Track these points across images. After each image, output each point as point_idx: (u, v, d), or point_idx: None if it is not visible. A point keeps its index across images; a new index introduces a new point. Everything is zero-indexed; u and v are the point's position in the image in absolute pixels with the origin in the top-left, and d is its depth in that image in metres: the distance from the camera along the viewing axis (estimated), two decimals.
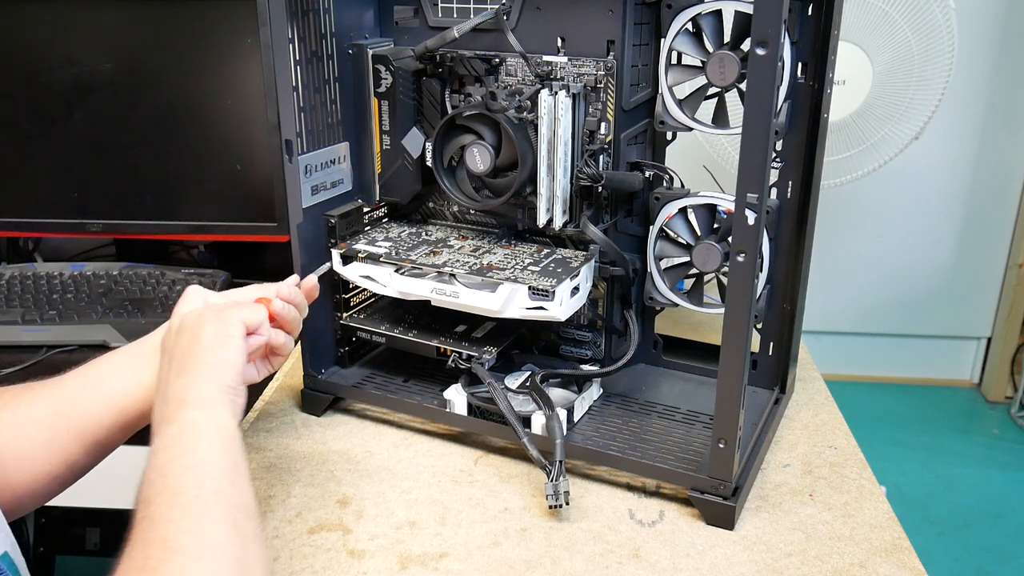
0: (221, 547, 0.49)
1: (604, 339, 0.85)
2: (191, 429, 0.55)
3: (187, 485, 0.52)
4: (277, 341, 0.70)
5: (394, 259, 0.77)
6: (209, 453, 0.54)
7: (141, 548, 0.48)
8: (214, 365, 0.60)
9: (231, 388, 0.60)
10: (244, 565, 0.49)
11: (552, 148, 0.73)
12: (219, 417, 0.57)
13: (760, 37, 0.55)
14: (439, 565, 0.64)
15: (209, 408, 0.57)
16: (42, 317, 1.05)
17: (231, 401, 0.59)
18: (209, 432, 0.56)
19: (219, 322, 0.64)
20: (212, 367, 0.60)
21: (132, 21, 1.11)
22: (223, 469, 0.54)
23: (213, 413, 0.57)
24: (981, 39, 2.02)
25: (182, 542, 0.48)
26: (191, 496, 0.51)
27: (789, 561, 0.65)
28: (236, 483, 0.54)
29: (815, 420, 0.84)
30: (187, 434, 0.55)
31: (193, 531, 0.49)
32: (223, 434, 0.56)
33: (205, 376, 0.60)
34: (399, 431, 0.82)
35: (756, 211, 0.59)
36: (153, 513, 0.50)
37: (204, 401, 0.58)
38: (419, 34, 0.80)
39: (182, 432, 0.55)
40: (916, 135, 1.32)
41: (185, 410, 0.57)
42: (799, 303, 0.81)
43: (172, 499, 0.51)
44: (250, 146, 1.14)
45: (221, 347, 0.62)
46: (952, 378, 2.40)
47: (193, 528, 0.49)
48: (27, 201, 1.18)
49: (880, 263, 2.26)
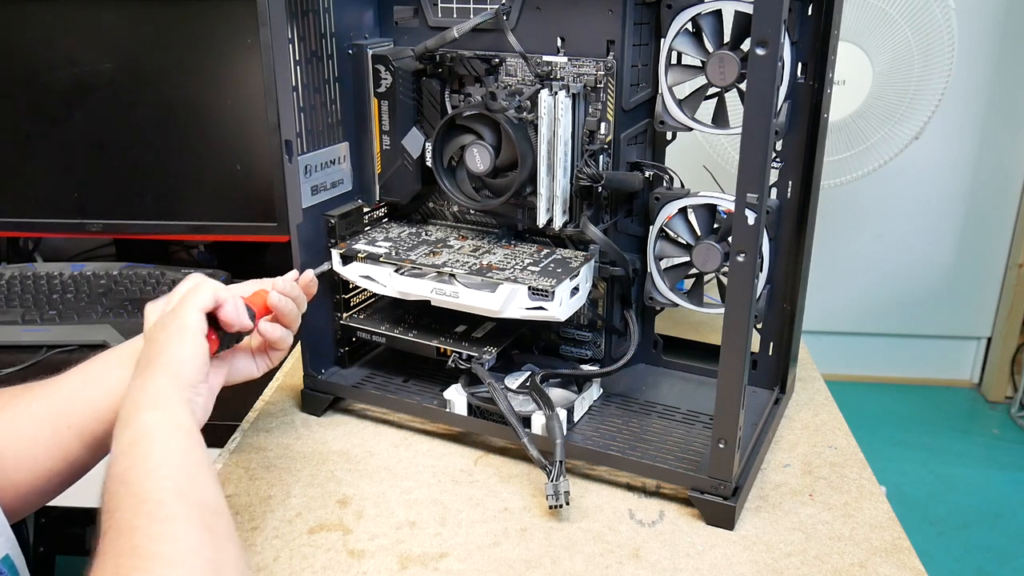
0: (194, 550, 0.48)
1: (604, 339, 0.85)
2: (146, 432, 0.54)
3: (150, 490, 0.50)
4: (274, 335, 0.70)
5: (394, 259, 0.77)
6: (167, 455, 0.53)
7: (112, 558, 0.47)
8: (168, 363, 0.60)
9: (188, 385, 0.59)
10: (218, 564, 0.48)
11: (552, 148, 0.73)
12: (175, 415, 0.56)
13: (760, 37, 0.55)
14: (439, 565, 0.64)
15: (164, 407, 0.56)
16: (42, 317, 1.05)
17: (188, 399, 0.59)
18: (165, 432, 0.54)
19: (172, 318, 0.63)
20: (166, 365, 0.59)
21: (132, 21, 1.11)
22: (183, 469, 0.53)
23: (169, 412, 0.56)
24: (981, 39, 2.02)
25: (152, 549, 0.47)
26: (155, 501, 0.50)
27: (789, 561, 0.65)
28: (199, 481, 0.53)
29: (815, 420, 0.84)
30: (143, 438, 0.54)
31: (162, 537, 0.48)
32: (180, 432, 0.55)
33: (160, 374, 0.59)
34: (399, 431, 0.82)
35: (756, 211, 0.59)
36: (119, 522, 0.49)
37: (159, 400, 0.57)
38: (419, 34, 0.80)
39: (137, 436, 0.54)
40: (916, 135, 1.32)
41: (140, 412, 0.56)
42: (799, 303, 0.81)
43: (137, 506, 0.49)
44: (250, 146, 1.14)
45: (176, 343, 0.61)
46: (952, 378, 2.40)
47: (162, 534, 0.48)
48: (27, 201, 1.18)
49: (880, 263, 2.26)
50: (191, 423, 0.57)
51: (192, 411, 0.59)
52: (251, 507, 0.71)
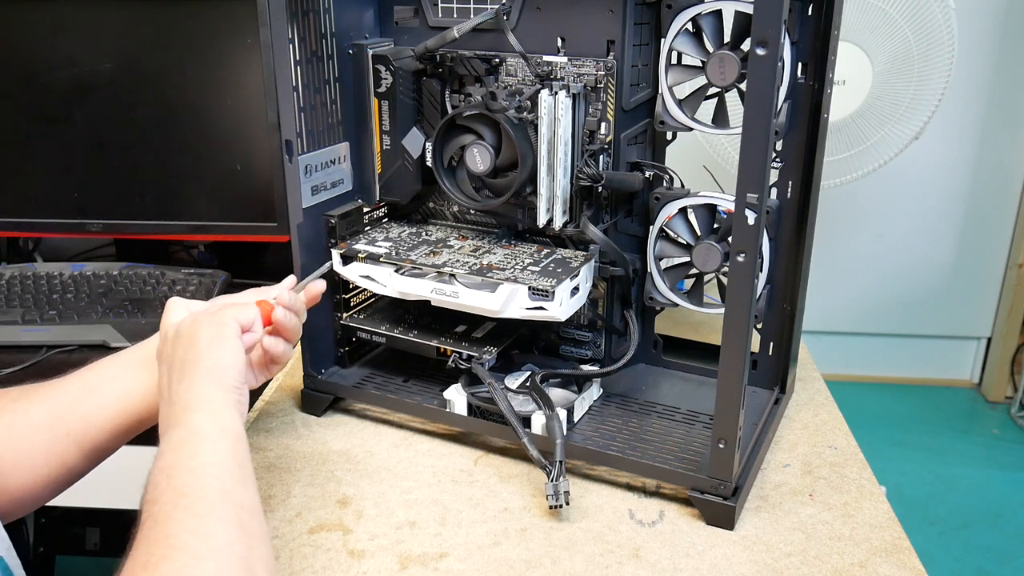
0: (226, 546, 0.49)
1: (604, 339, 0.85)
2: (196, 432, 0.56)
3: (192, 486, 0.52)
4: (276, 350, 0.70)
5: (394, 259, 0.77)
6: (214, 455, 0.54)
7: (144, 546, 0.48)
8: (213, 366, 0.60)
9: (234, 388, 0.60)
10: (249, 564, 0.49)
11: (552, 148, 0.73)
12: (224, 418, 0.57)
13: (760, 37, 0.55)
14: (439, 565, 0.64)
15: (213, 410, 0.57)
16: (42, 317, 1.05)
17: (236, 401, 0.60)
18: (214, 434, 0.56)
19: (214, 324, 0.63)
20: (211, 368, 0.60)
21: (132, 21, 1.11)
22: (229, 470, 0.54)
23: (218, 415, 0.57)
24: (981, 39, 2.02)
25: (184, 540, 0.48)
26: (196, 496, 0.51)
27: (789, 561, 0.65)
28: (242, 483, 0.54)
29: (815, 420, 0.84)
30: (192, 437, 0.55)
31: (197, 531, 0.49)
32: (228, 435, 0.56)
33: (206, 378, 0.60)
34: (399, 431, 0.82)
35: (756, 211, 0.59)
36: (158, 513, 0.50)
37: (208, 403, 0.58)
38: (419, 34, 0.80)
39: (188, 435, 0.55)
40: (916, 135, 1.32)
41: (190, 413, 0.57)
42: (799, 303, 0.81)
43: (177, 499, 0.51)
44: (250, 146, 1.14)
45: (218, 348, 0.62)
46: (952, 378, 2.40)
47: (197, 528, 0.49)
48: (27, 201, 1.18)
49: (880, 263, 2.26)
50: (238, 426, 0.58)
51: (240, 413, 0.60)
52: None
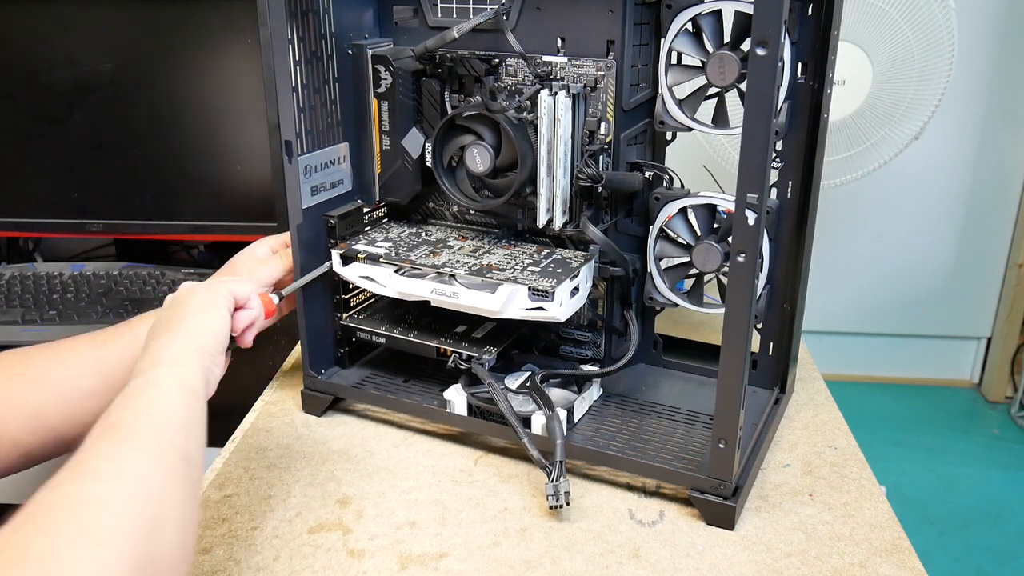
0: (134, 474, 0.47)
1: (604, 339, 0.85)
2: (154, 382, 0.55)
3: (125, 419, 0.51)
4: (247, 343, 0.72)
5: (394, 259, 0.77)
6: (161, 400, 0.54)
7: (58, 472, 0.47)
8: (193, 328, 0.61)
9: (208, 353, 0.61)
10: (160, 497, 0.47)
11: (552, 148, 0.73)
12: (189, 378, 0.57)
13: (760, 37, 0.55)
14: (439, 565, 0.64)
15: (178, 366, 0.58)
16: (42, 317, 1.05)
17: (204, 366, 0.60)
18: (170, 385, 0.55)
19: (207, 292, 0.66)
20: (191, 330, 0.61)
21: (132, 21, 1.11)
22: (170, 414, 0.53)
23: (182, 371, 0.57)
24: (981, 39, 2.02)
25: (94, 464, 0.47)
26: (124, 426, 0.50)
27: (789, 561, 0.65)
28: (184, 428, 0.53)
29: (815, 420, 0.84)
30: (149, 386, 0.55)
31: (109, 455, 0.48)
32: (183, 390, 0.56)
33: (182, 337, 0.60)
34: (399, 431, 0.82)
35: (756, 211, 0.59)
36: (84, 443, 0.49)
37: (175, 359, 0.58)
38: (419, 34, 0.80)
39: (145, 383, 0.55)
40: (916, 135, 1.32)
41: (156, 367, 0.57)
42: (799, 303, 0.81)
43: (105, 429, 0.50)
44: (250, 146, 1.14)
45: (203, 314, 0.63)
46: (952, 378, 2.40)
47: (111, 452, 0.48)
48: (27, 201, 1.18)
49: (880, 263, 2.26)
50: (199, 386, 0.58)
51: (206, 379, 0.60)
52: (251, 507, 0.71)
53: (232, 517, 0.69)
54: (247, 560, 0.64)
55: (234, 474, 0.75)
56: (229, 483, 0.74)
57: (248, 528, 0.68)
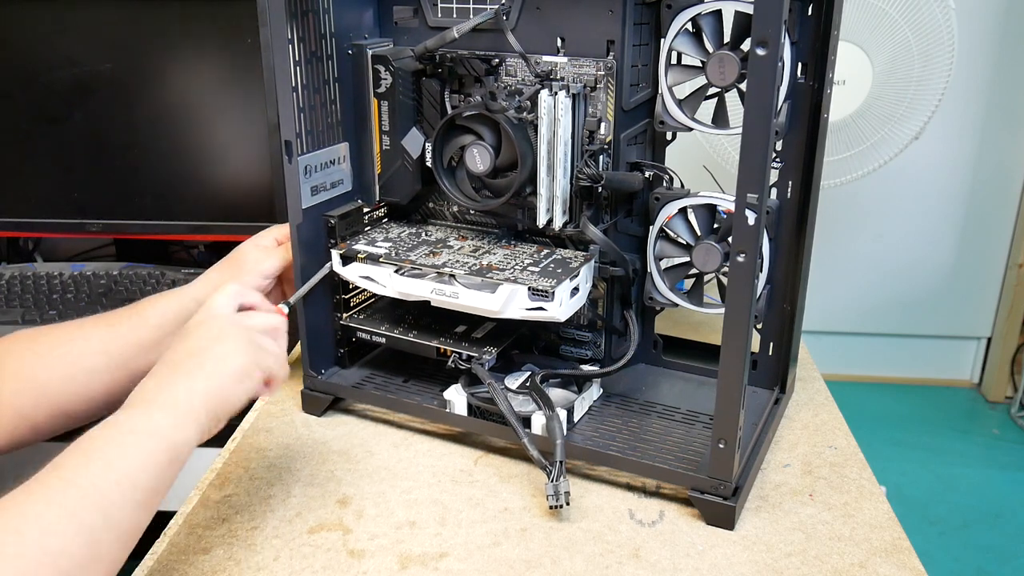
0: (36, 538, 0.46)
1: (604, 339, 0.85)
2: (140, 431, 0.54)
3: (75, 470, 0.50)
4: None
5: (394, 259, 0.77)
6: (131, 460, 0.52)
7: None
8: (219, 391, 0.60)
9: (218, 418, 0.60)
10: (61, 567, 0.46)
11: (552, 148, 0.73)
12: (178, 440, 0.56)
13: (760, 37, 0.55)
14: (439, 565, 0.64)
15: (178, 424, 0.56)
16: (42, 317, 1.05)
17: (208, 428, 0.59)
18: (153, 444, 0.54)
19: (251, 355, 0.63)
20: (217, 391, 0.60)
21: (132, 21, 1.11)
22: (133, 482, 0.51)
23: (177, 432, 0.56)
24: (981, 39, 2.02)
25: (15, 512, 0.46)
26: (64, 478, 0.49)
27: (789, 561, 0.65)
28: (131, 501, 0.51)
29: (815, 420, 0.84)
30: (131, 434, 0.54)
31: (27, 509, 0.47)
32: (168, 454, 0.54)
33: (205, 393, 0.59)
34: (399, 431, 0.82)
35: (756, 211, 0.59)
36: (32, 479, 0.49)
37: (180, 414, 0.56)
38: (419, 34, 0.80)
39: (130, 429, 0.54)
40: (916, 135, 1.32)
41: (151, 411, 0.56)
42: (799, 303, 0.81)
43: (49, 472, 0.49)
44: (250, 146, 1.14)
45: (238, 383, 0.61)
46: (952, 378, 2.40)
47: (29, 506, 0.47)
48: (27, 201, 1.19)
49: (880, 263, 2.26)
50: (187, 455, 0.57)
51: (202, 437, 0.59)
52: (251, 507, 0.71)
53: (232, 517, 0.69)
54: (247, 560, 0.64)
55: (234, 474, 0.75)
56: (229, 483, 0.74)
57: (248, 528, 0.68)
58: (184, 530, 0.68)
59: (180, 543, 0.66)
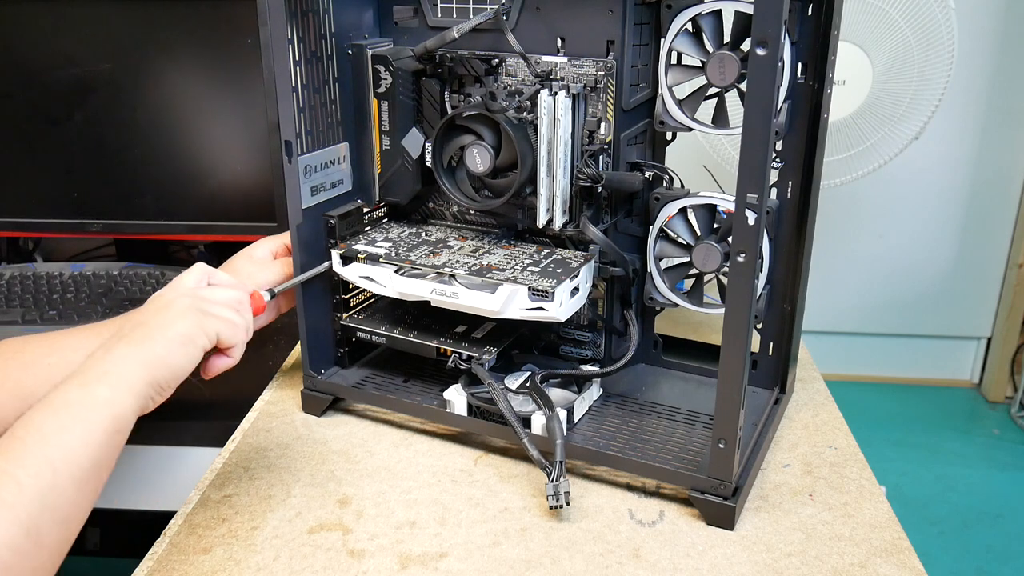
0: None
1: (604, 339, 0.85)
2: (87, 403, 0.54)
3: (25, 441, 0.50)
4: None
5: (394, 260, 0.77)
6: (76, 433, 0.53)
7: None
8: (160, 357, 0.60)
9: (160, 387, 0.60)
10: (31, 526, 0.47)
11: (552, 148, 0.73)
12: (124, 407, 0.56)
13: (760, 37, 0.55)
14: (439, 565, 0.64)
15: (123, 392, 0.56)
16: (42, 317, 1.05)
17: (146, 401, 0.59)
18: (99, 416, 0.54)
19: (195, 319, 0.63)
20: (157, 358, 0.60)
21: (132, 21, 1.11)
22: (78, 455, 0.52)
23: (122, 400, 0.56)
24: (981, 39, 2.02)
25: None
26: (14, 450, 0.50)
27: (789, 561, 0.65)
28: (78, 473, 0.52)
29: (815, 420, 0.84)
30: (78, 405, 0.54)
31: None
32: (114, 425, 0.55)
33: (143, 363, 0.59)
34: (399, 431, 0.82)
35: (756, 211, 0.59)
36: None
37: (123, 383, 0.57)
38: (419, 34, 0.80)
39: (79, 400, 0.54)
40: (916, 135, 1.32)
41: (98, 383, 0.56)
42: (799, 303, 0.81)
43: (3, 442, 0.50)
44: (250, 146, 1.14)
45: (180, 347, 0.61)
46: (952, 378, 2.40)
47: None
48: (27, 201, 1.18)
49: (880, 263, 2.26)
50: (130, 426, 0.57)
51: (143, 408, 0.59)
52: (251, 507, 0.71)
53: (232, 517, 0.69)
54: (247, 560, 0.65)
55: (234, 474, 0.75)
56: (229, 483, 0.74)
57: (248, 528, 0.68)
58: (184, 530, 0.68)
59: (180, 543, 0.66)
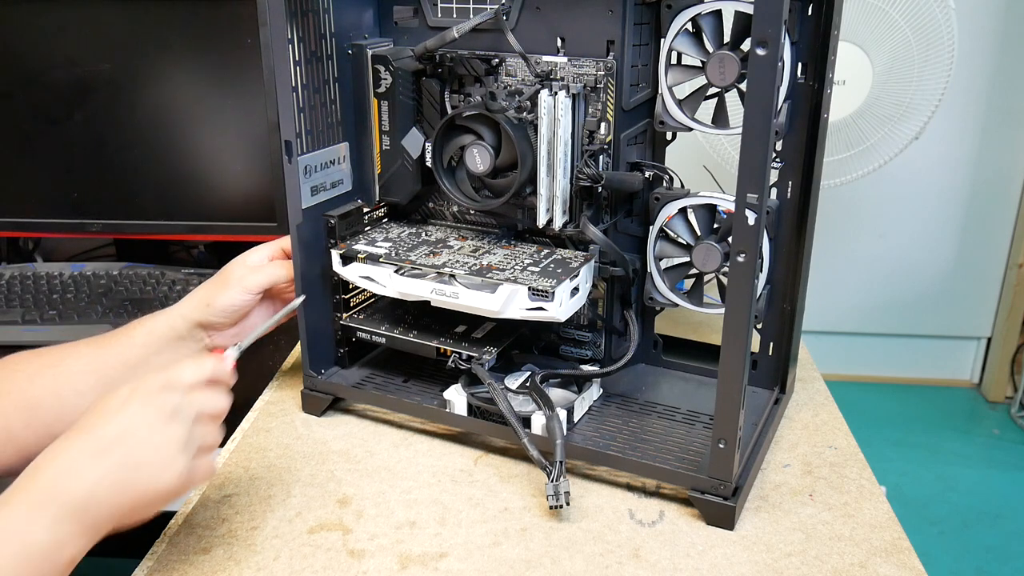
0: None
1: (604, 339, 0.85)
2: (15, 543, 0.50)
3: None
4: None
5: (394, 260, 0.77)
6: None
7: None
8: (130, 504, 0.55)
9: (98, 533, 0.54)
10: None
11: (552, 148, 0.73)
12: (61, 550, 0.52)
13: (760, 37, 0.55)
14: (439, 565, 0.64)
15: (57, 534, 0.51)
16: (42, 317, 1.05)
17: (91, 538, 0.54)
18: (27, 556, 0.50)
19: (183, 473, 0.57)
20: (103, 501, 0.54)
21: (132, 21, 1.11)
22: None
23: (56, 541, 0.51)
24: (981, 39, 2.02)
25: None
26: None
27: (789, 561, 0.65)
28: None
29: (815, 420, 0.84)
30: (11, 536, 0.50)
31: None
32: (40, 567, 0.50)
33: (100, 497, 0.53)
34: (399, 431, 0.82)
35: (756, 211, 0.59)
36: None
37: (62, 525, 0.52)
38: (419, 34, 0.80)
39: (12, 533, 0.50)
40: (916, 135, 1.32)
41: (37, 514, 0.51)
42: (799, 303, 0.81)
43: None
44: (250, 146, 1.14)
45: (148, 504, 0.56)
46: (952, 378, 2.40)
47: None
48: (27, 201, 1.18)
49: (880, 263, 2.26)
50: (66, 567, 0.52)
51: (83, 549, 0.53)
52: (251, 507, 0.71)
53: (232, 517, 0.69)
54: (247, 560, 0.65)
55: (234, 474, 0.75)
56: (229, 483, 0.74)
57: (248, 528, 0.68)
58: (184, 530, 0.68)
59: (180, 543, 0.66)
